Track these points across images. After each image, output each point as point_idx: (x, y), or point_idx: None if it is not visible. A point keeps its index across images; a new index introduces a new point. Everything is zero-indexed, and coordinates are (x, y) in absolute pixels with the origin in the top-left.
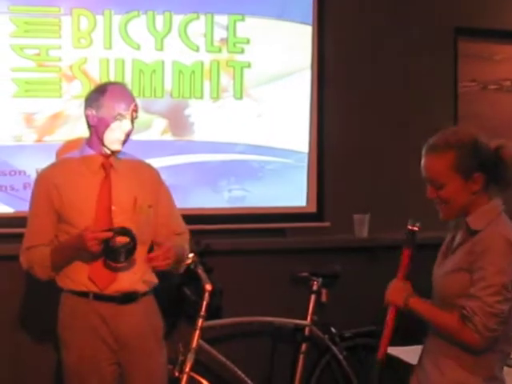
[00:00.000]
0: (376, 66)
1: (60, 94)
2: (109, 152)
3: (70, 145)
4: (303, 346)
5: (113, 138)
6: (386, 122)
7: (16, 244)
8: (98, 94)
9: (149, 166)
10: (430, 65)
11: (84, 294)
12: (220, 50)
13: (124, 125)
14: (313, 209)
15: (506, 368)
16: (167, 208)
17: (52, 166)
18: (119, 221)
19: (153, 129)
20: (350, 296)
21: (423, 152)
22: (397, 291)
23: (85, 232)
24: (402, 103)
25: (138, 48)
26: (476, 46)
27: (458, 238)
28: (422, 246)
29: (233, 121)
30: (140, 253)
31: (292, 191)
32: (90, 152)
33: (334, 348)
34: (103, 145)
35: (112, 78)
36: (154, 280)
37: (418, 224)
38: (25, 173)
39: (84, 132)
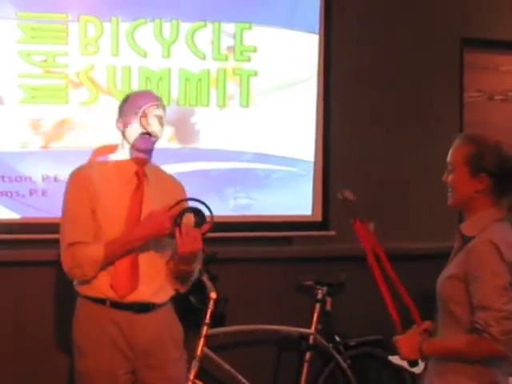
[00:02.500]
0: (382, 76)
1: (66, 101)
2: (139, 155)
3: (106, 148)
4: (307, 355)
5: (135, 134)
6: (391, 131)
7: (21, 250)
8: (124, 100)
9: (178, 181)
10: (437, 75)
11: (101, 301)
12: (227, 58)
13: (145, 120)
14: (318, 217)
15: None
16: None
17: (89, 166)
18: None
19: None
20: (355, 305)
21: None
22: (408, 346)
23: (158, 216)
24: (408, 113)
25: (145, 55)
26: (482, 57)
27: (456, 247)
28: (427, 257)
29: (239, 129)
30: (159, 265)
31: (297, 200)
32: (124, 157)
33: (338, 357)
34: (132, 147)
35: (119, 86)
36: (171, 292)
37: (347, 191)
38: (30, 179)
39: (90, 138)
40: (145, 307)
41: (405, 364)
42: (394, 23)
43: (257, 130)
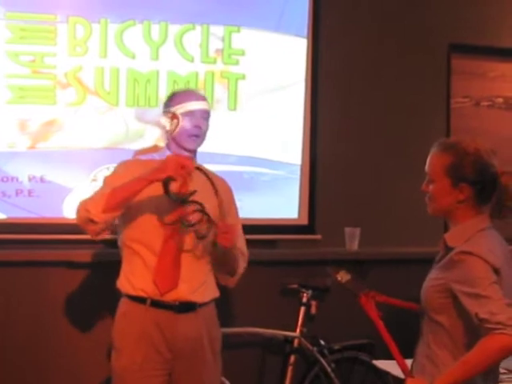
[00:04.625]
0: (369, 81)
1: (54, 102)
2: (186, 153)
3: (149, 149)
4: (292, 358)
5: (185, 134)
6: (378, 136)
7: (7, 250)
8: (169, 98)
9: (225, 182)
10: (424, 80)
11: (141, 300)
12: (215, 61)
13: (194, 120)
14: (304, 221)
15: None
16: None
17: (136, 160)
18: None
19: (146, 138)
20: (340, 309)
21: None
22: None
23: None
24: (394, 118)
25: (134, 57)
26: (469, 63)
27: (440, 255)
28: (412, 261)
29: (226, 132)
30: (203, 264)
31: (284, 203)
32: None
33: (322, 360)
34: (179, 146)
35: (107, 87)
36: (215, 293)
37: (340, 272)
38: (17, 179)
39: (77, 139)
40: (186, 306)
41: (391, 370)
42: (382, 28)
43: (244, 133)
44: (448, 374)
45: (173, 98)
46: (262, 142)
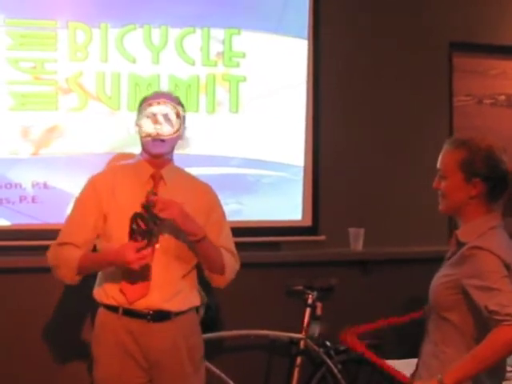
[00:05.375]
0: (371, 81)
1: (56, 107)
2: (153, 157)
3: (122, 156)
4: (298, 360)
5: (145, 135)
6: (381, 136)
7: (12, 257)
8: (140, 103)
9: (206, 186)
10: (426, 79)
11: (114, 309)
12: (216, 64)
13: (153, 121)
14: (308, 222)
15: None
16: (217, 231)
17: (108, 171)
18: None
19: None
20: (345, 309)
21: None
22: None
23: (126, 251)
24: (397, 117)
25: (134, 61)
26: (471, 61)
27: (451, 251)
28: (416, 261)
29: (228, 134)
30: (178, 271)
31: (287, 205)
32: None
33: (328, 361)
34: (145, 151)
35: (108, 92)
36: (195, 302)
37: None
38: (20, 186)
39: (80, 145)
40: (159, 315)
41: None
42: (383, 28)
43: (246, 136)
44: (457, 368)
45: (141, 103)
46: (264, 144)
